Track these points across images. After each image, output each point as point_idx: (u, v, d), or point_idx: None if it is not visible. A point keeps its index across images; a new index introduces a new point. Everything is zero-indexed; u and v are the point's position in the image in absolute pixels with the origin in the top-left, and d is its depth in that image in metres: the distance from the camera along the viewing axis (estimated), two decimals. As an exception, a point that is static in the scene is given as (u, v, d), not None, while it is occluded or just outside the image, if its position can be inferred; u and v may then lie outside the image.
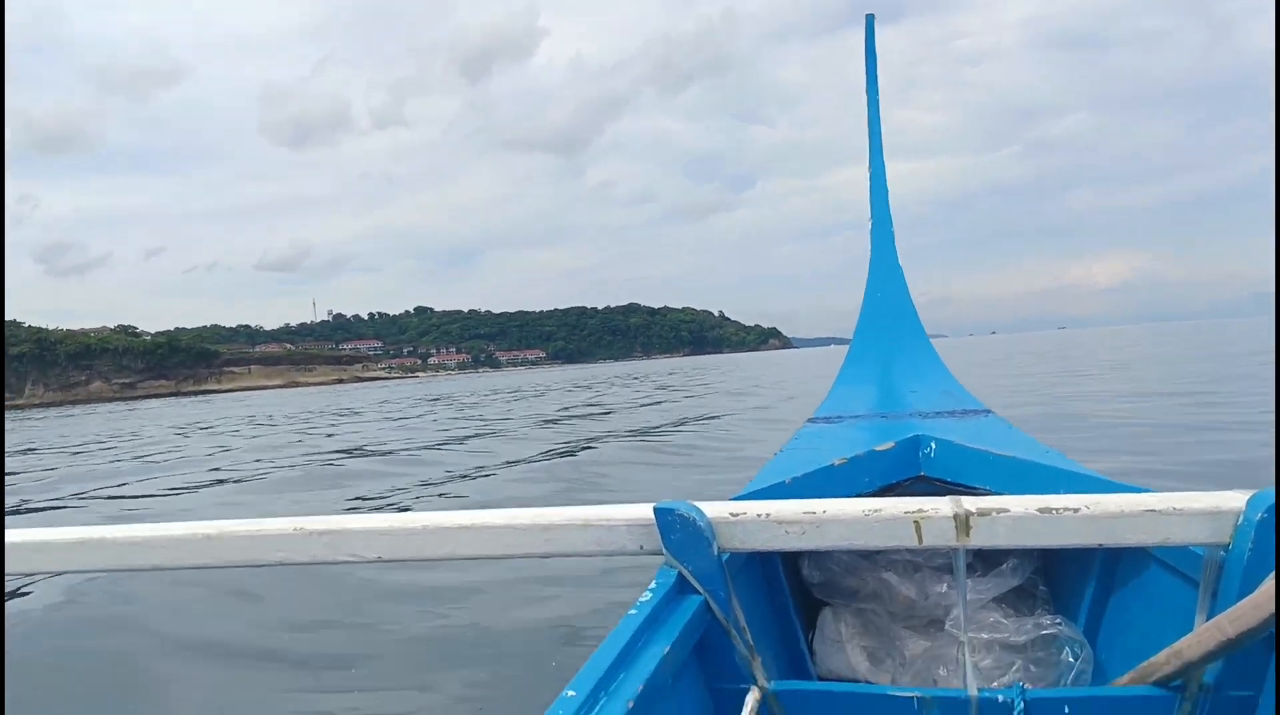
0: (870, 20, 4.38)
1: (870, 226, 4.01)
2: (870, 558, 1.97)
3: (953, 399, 3.02)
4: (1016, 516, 1.20)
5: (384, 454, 10.18)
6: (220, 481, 8.36)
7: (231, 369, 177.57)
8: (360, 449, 11.27)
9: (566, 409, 16.94)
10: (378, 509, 5.87)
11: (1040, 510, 1.20)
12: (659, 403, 17.29)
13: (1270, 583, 0.95)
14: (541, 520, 1.31)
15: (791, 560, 2.03)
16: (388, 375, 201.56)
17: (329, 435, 14.57)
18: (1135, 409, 9.47)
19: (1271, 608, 0.93)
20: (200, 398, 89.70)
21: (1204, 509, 1.17)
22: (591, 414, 14.72)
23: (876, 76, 4.30)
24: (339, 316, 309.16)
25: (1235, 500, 1.17)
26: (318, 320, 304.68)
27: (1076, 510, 1.19)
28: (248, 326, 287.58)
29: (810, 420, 2.93)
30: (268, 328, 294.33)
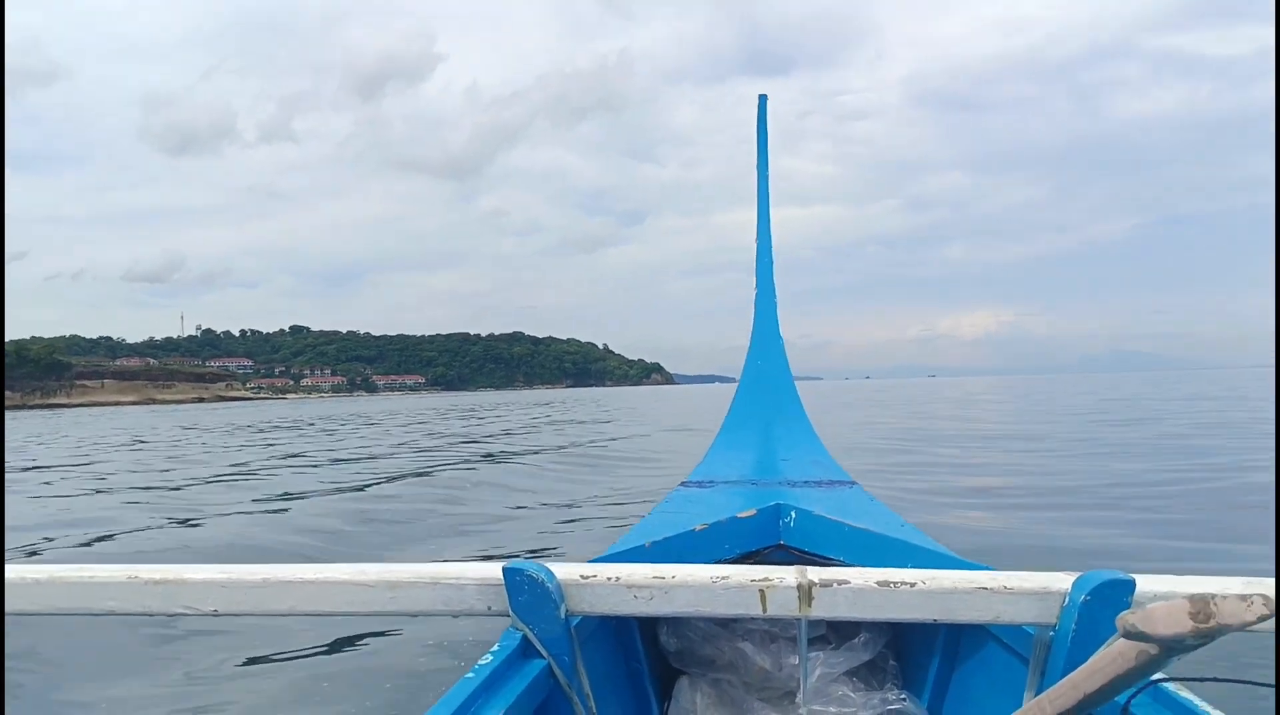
0: (763, 100, 4.50)
1: (755, 295, 4.11)
2: (728, 626, 1.97)
3: (821, 469, 3.08)
4: (857, 589, 1.22)
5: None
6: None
7: (84, 383, 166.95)
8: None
9: (400, 444, 16.12)
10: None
11: (879, 583, 1.22)
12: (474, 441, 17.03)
13: (1090, 664, 0.98)
14: (389, 576, 1.27)
15: (649, 626, 2.01)
16: (254, 395, 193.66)
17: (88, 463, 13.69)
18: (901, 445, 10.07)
19: (1088, 687, 0.96)
20: (47, 412, 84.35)
21: (1033, 589, 1.21)
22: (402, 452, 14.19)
23: (767, 155, 4.43)
24: (208, 332, 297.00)
25: (1062, 581, 1.21)
26: (185, 335, 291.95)
27: (913, 585, 1.21)
28: (109, 338, 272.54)
29: (683, 483, 2.94)
30: (130, 341, 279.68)
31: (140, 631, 3.40)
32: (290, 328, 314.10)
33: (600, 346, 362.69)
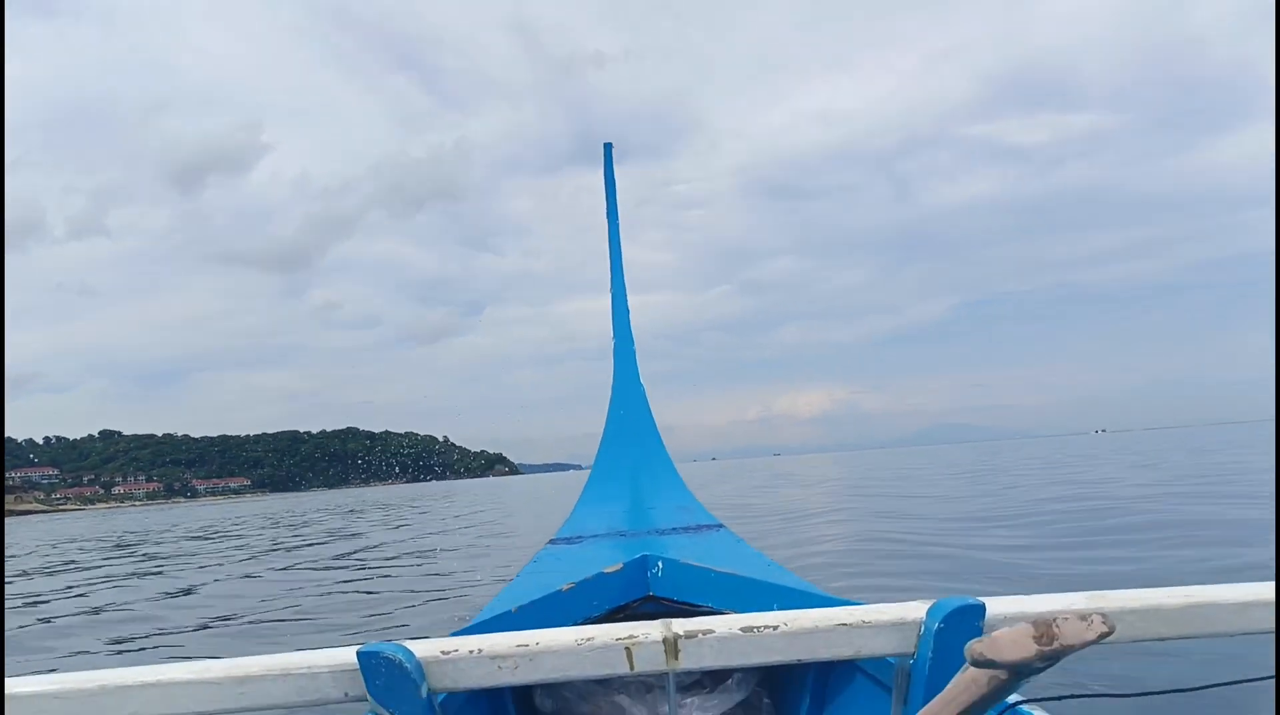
0: (608, 148, 4.60)
1: (613, 344, 4.15)
2: (604, 682, 1.94)
3: (688, 514, 3.11)
4: (722, 637, 1.21)
5: None
6: None
7: None
8: None
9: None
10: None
11: (743, 629, 1.22)
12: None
13: (944, 693, 1.00)
14: (236, 671, 1.19)
15: (524, 689, 1.98)
16: (45, 507, 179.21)
17: None
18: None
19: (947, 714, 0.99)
20: None
21: (890, 620, 1.23)
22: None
23: (616, 202, 4.54)
24: (8, 441, 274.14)
25: (917, 610, 1.23)
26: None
27: (776, 627, 1.22)
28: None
29: (551, 541, 2.91)
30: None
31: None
32: (100, 433, 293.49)
33: (441, 439, 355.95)
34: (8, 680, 1.19)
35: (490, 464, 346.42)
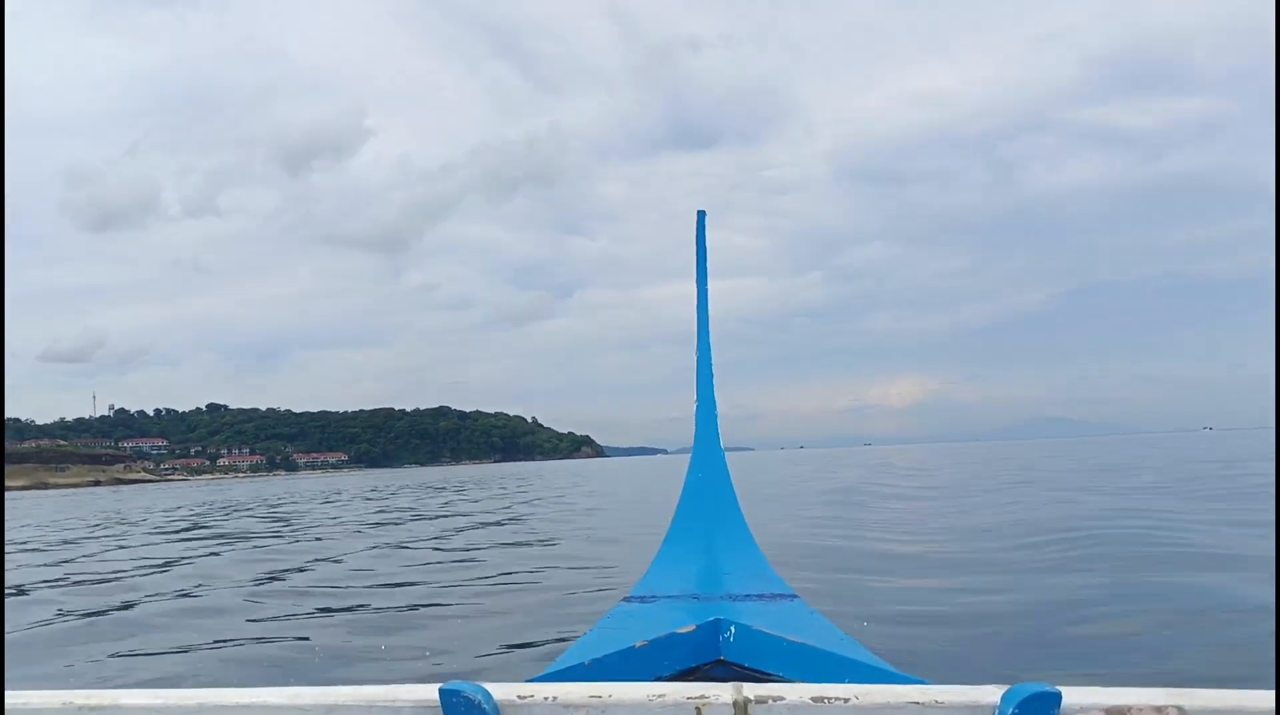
0: (701, 216, 4.49)
1: (696, 407, 4.12)
2: None
3: (762, 582, 3.09)
4: (792, 705, 1.22)
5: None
6: None
7: None
8: None
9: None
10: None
11: (814, 699, 1.22)
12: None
13: None
14: (325, 700, 1.23)
15: None
16: (156, 477, 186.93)
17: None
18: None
19: None
20: (-78, 499, 79.77)
21: (964, 703, 1.22)
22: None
23: (706, 268, 4.41)
24: (121, 412, 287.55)
25: (991, 695, 1.22)
26: (97, 415, 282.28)
27: (846, 700, 1.22)
28: (17, 421, 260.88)
29: (625, 599, 2.92)
30: (40, 422, 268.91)
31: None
32: (207, 406, 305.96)
33: (529, 420, 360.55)
34: (121, 690, 1.27)
35: (577, 445, 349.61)
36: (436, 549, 10.53)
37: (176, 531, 15.88)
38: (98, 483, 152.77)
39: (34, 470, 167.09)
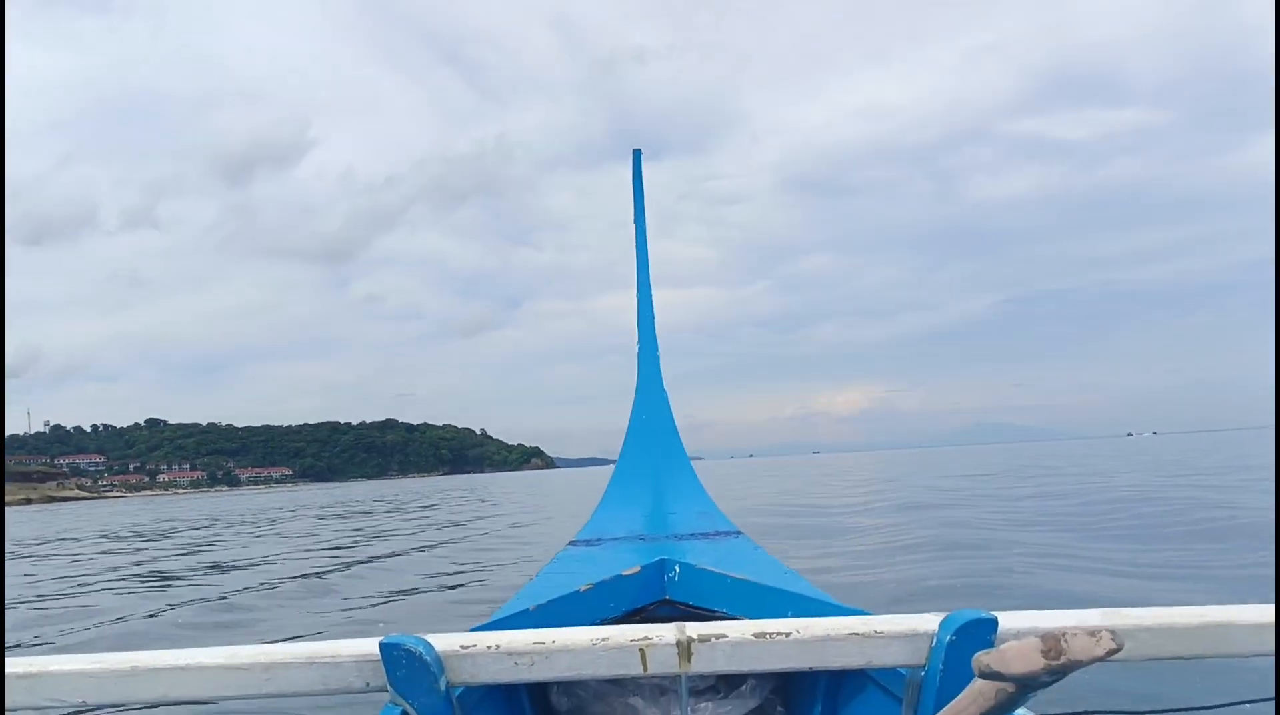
0: (637, 155, 4.63)
1: (637, 349, 4.13)
2: (618, 683, 1.96)
3: (707, 520, 3.13)
4: (734, 642, 1.22)
5: None
6: None
7: None
8: None
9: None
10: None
11: (755, 635, 1.23)
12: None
13: (953, 704, 1.00)
14: (263, 658, 1.22)
15: (540, 687, 2.03)
16: (88, 494, 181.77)
17: None
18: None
19: None
20: None
21: (902, 631, 1.23)
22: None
23: (644, 208, 4.54)
24: (57, 428, 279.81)
25: (930, 622, 1.24)
26: (32, 432, 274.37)
27: (788, 634, 1.23)
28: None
29: (571, 542, 2.94)
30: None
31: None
32: (146, 421, 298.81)
33: (478, 431, 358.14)
34: (51, 656, 1.23)
35: (527, 457, 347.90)
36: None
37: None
38: (29, 501, 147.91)
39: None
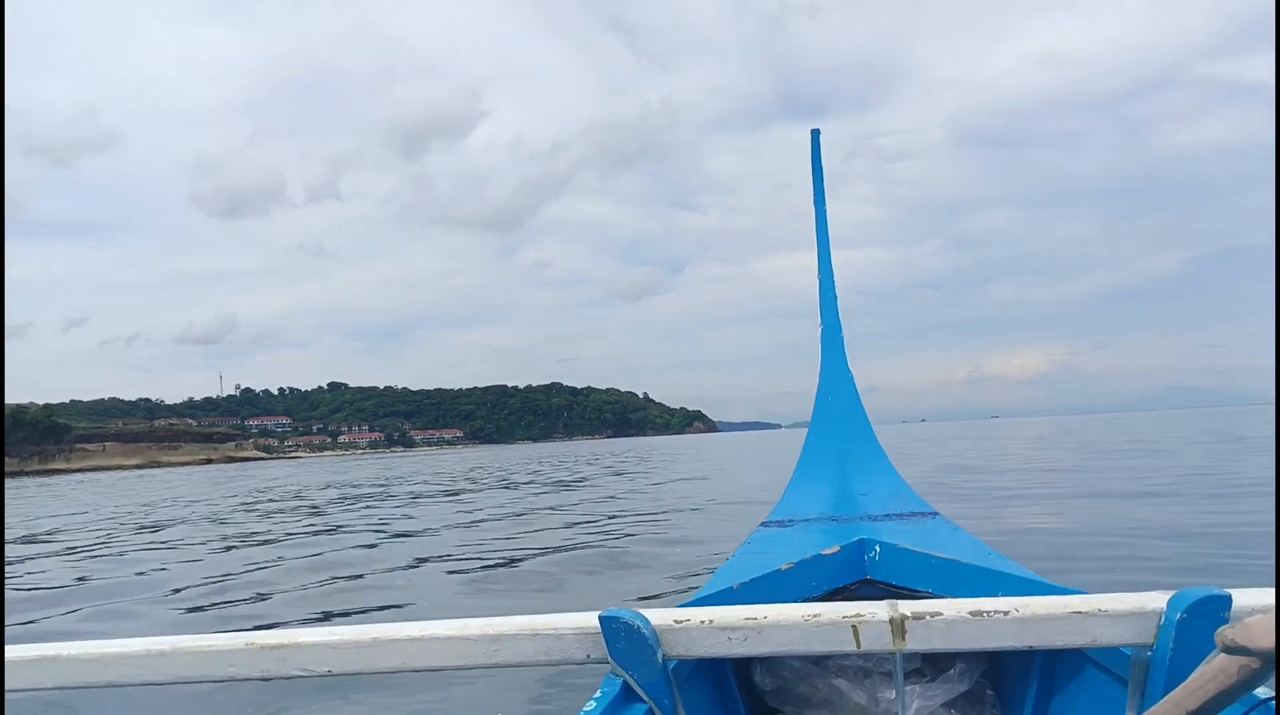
0: (815, 135, 4.48)
1: (820, 331, 4.04)
2: (821, 664, 1.94)
3: (901, 501, 3.02)
4: (950, 620, 1.21)
5: None
6: None
7: (84, 446, 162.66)
8: None
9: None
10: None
11: (972, 613, 1.21)
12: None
13: (1189, 681, 0.97)
14: (490, 630, 1.30)
15: (744, 666, 2.01)
16: (265, 454, 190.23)
17: None
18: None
19: (1189, 705, 0.96)
20: (41, 479, 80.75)
21: (1128, 610, 1.20)
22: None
23: (823, 189, 4.37)
24: (247, 391, 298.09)
25: (1157, 600, 1.20)
26: (224, 395, 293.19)
27: (1006, 613, 1.21)
28: (148, 400, 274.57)
29: (763, 524, 2.88)
30: (169, 402, 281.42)
31: (255, 695, 3.45)
32: (329, 384, 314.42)
33: (640, 395, 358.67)
34: (298, 629, 1.36)
35: (689, 421, 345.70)
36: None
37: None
38: (209, 461, 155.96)
39: (147, 449, 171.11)
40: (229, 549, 9.23)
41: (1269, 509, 7.44)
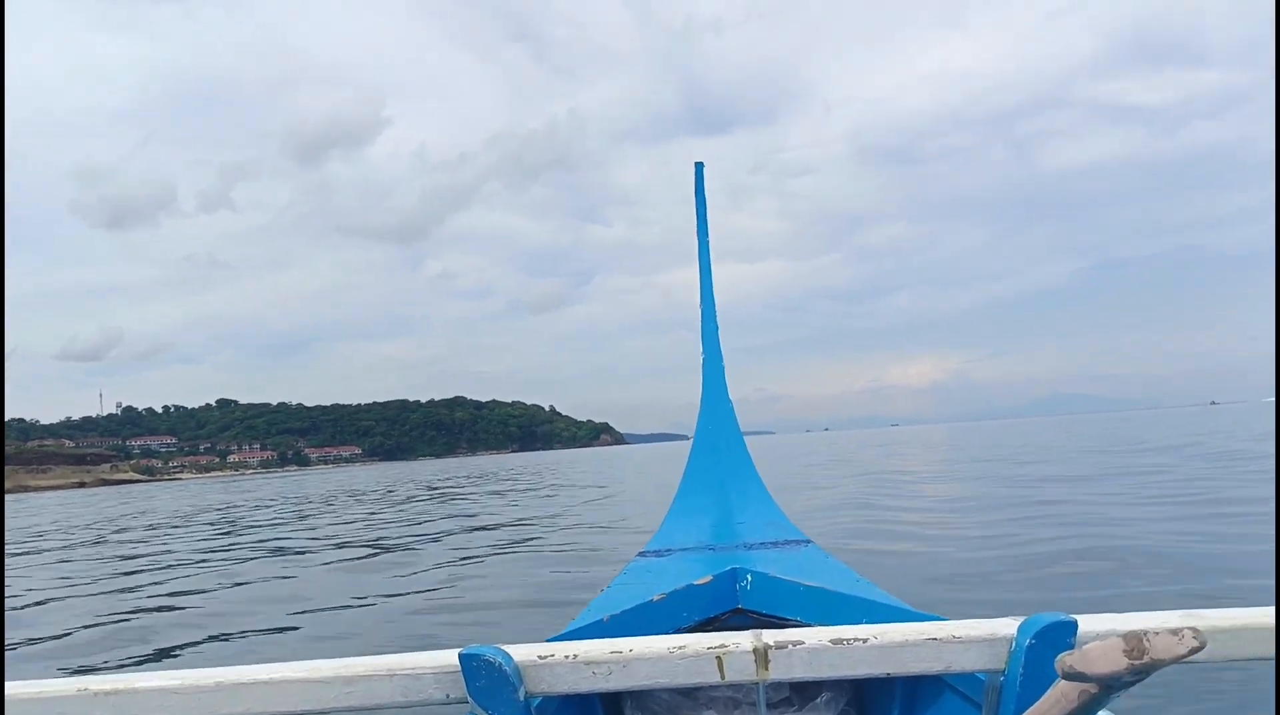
0: (699, 168, 4.48)
1: (702, 364, 4.02)
2: (691, 695, 1.95)
3: (776, 529, 3.04)
4: (811, 648, 1.22)
5: None
6: None
7: None
8: None
9: None
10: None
11: (833, 641, 1.22)
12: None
13: (1035, 707, 1.00)
14: (344, 671, 1.23)
15: (614, 701, 2.02)
16: (143, 476, 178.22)
17: None
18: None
19: None
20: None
21: (981, 636, 1.22)
22: None
23: (706, 220, 4.39)
24: (129, 410, 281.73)
25: (1008, 626, 1.22)
26: (104, 413, 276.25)
27: (865, 640, 1.22)
28: (21, 420, 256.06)
29: (640, 554, 2.90)
30: (45, 422, 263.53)
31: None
32: (217, 402, 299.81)
33: (547, 408, 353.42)
34: (137, 674, 1.25)
35: (596, 433, 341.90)
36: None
37: None
38: (82, 484, 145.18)
39: (13, 473, 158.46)
40: None
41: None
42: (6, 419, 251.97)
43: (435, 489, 24.78)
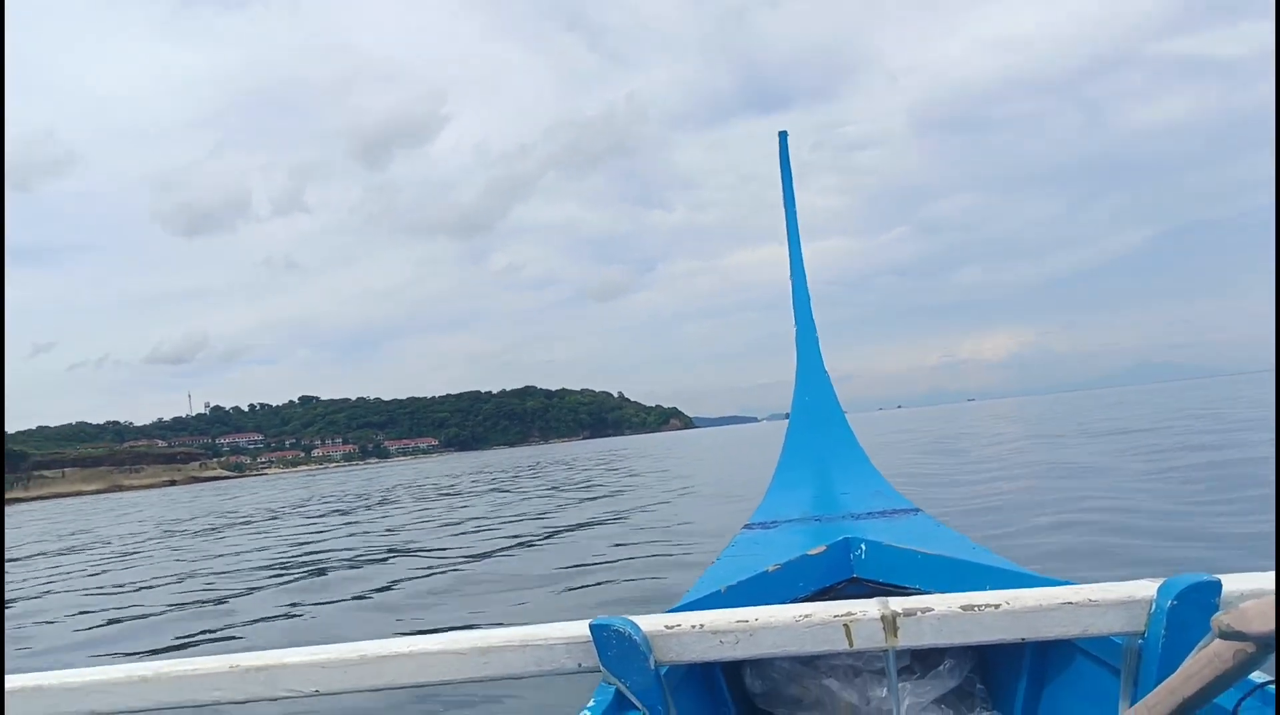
0: (783, 137, 4.43)
1: (795, 332, 4.03)
2: (811, 664, 1.95)
3: (883, 499, 3.00)
4: (941, 615, 1.22)
5: None
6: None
7: (43, 473, 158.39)
8: None
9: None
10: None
11: (963, 607, 1.22)
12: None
13: (1184, 668, 0.98)
14: (480, 643, 1.30)
15: (734, 670, 2.02)
16: (230, 473, 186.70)
17: None
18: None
19: (1185, 692, 0.96)
20: (-1, 508, 78.63)
21: (1118, 599, 1.21)
22: None
23: (793, 190, 4.32)
24: (217, 409, 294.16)
25: (1147, 589, 1.20)
26: (194, 414, 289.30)
27: (997, 606, 1.22)
28: (117, 422, 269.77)
29: (746, 526, 2.87)
30: (138, 423, 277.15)
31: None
32: (300, 398, 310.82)
33: (615, 395, 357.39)
34: (284, 650, 1.34)
35: (665, 418, 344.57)
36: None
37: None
38: (173, 482, 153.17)
39: (108, 473, 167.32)
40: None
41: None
42: (103, 422, 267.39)
43: (571, 469, 26.77)
